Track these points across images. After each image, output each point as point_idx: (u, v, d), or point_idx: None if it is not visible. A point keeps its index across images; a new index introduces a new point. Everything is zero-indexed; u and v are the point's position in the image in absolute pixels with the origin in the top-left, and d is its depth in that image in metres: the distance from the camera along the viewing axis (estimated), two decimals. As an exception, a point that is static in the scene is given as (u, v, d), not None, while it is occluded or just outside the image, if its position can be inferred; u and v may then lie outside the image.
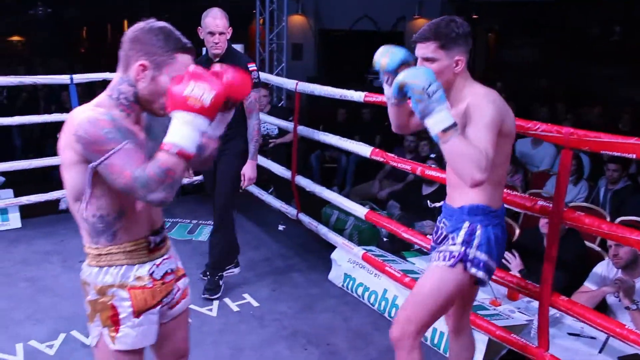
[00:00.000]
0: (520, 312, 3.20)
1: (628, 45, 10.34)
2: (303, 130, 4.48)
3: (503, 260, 3.52)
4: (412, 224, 4.34)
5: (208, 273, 3.77)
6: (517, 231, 4.05)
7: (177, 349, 2.01)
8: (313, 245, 4.55)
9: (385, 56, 2.12)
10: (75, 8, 14.63)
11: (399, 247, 4.10)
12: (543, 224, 3.53)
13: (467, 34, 2.05)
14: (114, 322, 1.73)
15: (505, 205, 2.80)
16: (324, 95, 4.16)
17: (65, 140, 1.61)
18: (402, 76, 1.87)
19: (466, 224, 2.12)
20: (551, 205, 2.51)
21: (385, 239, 4.33)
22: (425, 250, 3.48)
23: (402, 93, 1.89)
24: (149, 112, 1.72)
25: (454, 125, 1.82)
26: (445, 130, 1.82)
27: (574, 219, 2.44)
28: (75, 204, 1.69)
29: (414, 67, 1.97)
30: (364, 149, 3.75)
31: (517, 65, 11.13)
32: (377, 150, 3.66)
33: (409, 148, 5.90)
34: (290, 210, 4.65)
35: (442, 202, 2.35)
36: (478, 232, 2.11)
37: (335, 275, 4.00)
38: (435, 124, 1.83)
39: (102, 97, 1.69)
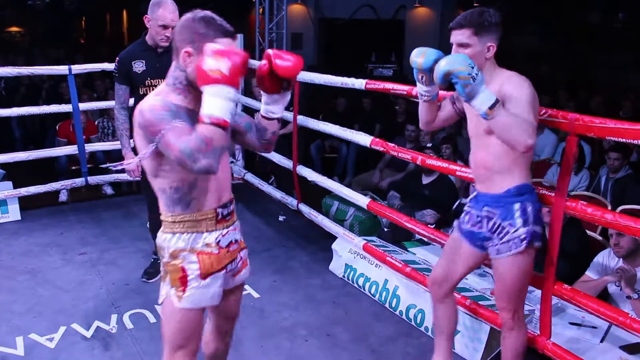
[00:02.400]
0: (521, 301, 3.18)
1: (631, 33, 10.28)
2: (303, 120, 4.46)
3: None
4: (413, 214, 4.33)
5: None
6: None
7: (232, 313, 2.25)
8: (314, 236, 4.54)
9: (420, 56, 2.27)
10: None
11: (400, 238, 4.09)
12: (545, 213, 3.50)
13: (499, 23, 2.22)
14: (182, 282, 1.93)
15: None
16: (324, 84, 4.12)
17: (135, 129, 1.84)
18: (446, 65, 2.03)
19: (517, 206, 2.28)
20: (554, 194, 2.49)
21: (386, 229, 4.32)
22: (426, 240, 3.46)
23: (447, 80, 2.05)
24: (200, 92, 1.84)
25: (497, 101, 2.03)
26: (492, 107, 2.02)
27: (576, 209, 2.42)
28: (154, 180, 1.92)
29: (451, 55, 2.09)
30: (364, 139, 3.72)
31: (519, 52, 11.08)
32: (377, 139, 3.63)
33: (409, 138, 5.88)
34: (290, 201, 4.64)
35: (472, 197, 2.50)
36: (529, 209, 2.28)
37: (336, 266, 3.99)
38: (482, 102, 2.02)
39: (161, 85, 1.91)
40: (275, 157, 4.87)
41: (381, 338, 3.21)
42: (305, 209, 4.45)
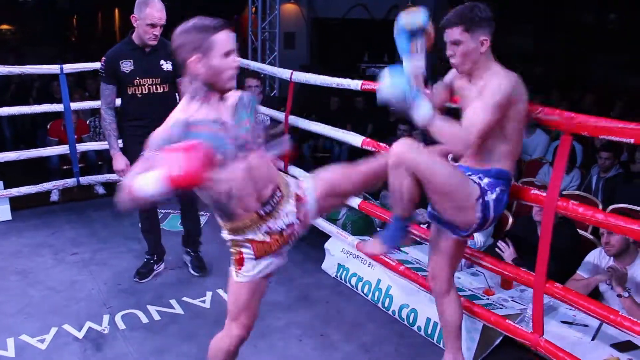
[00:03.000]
0: (513, 300, 3.20)
1: (623, 33, 10.33)
2: (294, 120, 4.45)
3: (496, 249, 3.52)
4: (406, 213, 4.33)
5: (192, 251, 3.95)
6: (510, 220, 4.05)
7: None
8: (307, 235, 4.47)
9: (412, 16, 2.37)
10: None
11: (393, 237, 4.08)
12: (536, 212, 3.52)
13: (490, 17, 2.24)
14: (239, 262, 2.20)
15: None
16: (319, 85, 4.12)
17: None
18: (383, 90, 2.21)
19: (490, 180, 2.35)
20: (545, 194, 2.50)
21: (379, 229, 4.32)
22: (419, 239, 3.46)
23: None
24: (220, 90, 2.01)
25: (432, 115, 2.16)
26: (427, 123, 2.15)
27: (568, 208, 2.43)
28: (200, 193, 2.11)
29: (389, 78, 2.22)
30: (355, 139, 3.72)
31: (511, 52, 11.12)
32: (368, 139, 3.63)
33: (401, 137, 5.88)
34: (283, 201, 4.63)
35: (459, 163, 2.53)
36: (498, 189, 2.36)
37: (328, 265, 3.99)
38: (418, 117, 2.17)
39: (185, 98, 2.03)
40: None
41: (374, 338, 3.21)
42: (298, 208, 4.43)
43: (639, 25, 10.07)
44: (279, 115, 4.75)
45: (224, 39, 1.94)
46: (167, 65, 3.51)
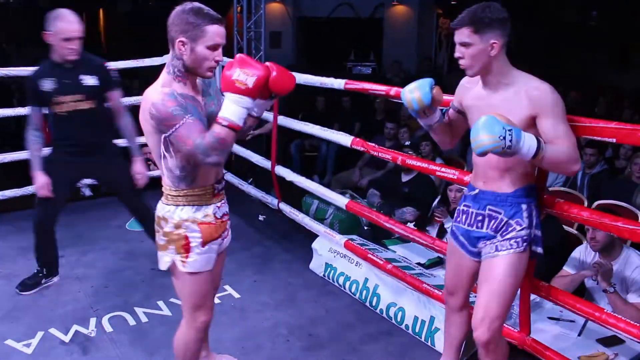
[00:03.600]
0: (500, 298, 3.21)
1: (605, 30, 10.42)
2: (282, 119, 4.44)
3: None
4: (393, 212, 4.34)
5: None
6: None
7: (216, 276, 2.52)
8: (294, 235, 4.53)
9: (415, 91, 2.28)
10: (49, -4, 14.37)
11: (380, 236, 4.11)
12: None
13: (503, 19, 2.11)
14: (186, 249, 2.19)
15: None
16: (303, 84, 4.11)
17: (143, 116, 2.06)
18: (478, 146, 1.94)
19: (524, 206, 2.21)
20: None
21: (366, 228, 4.33)
22: (405, 238, 3.48)
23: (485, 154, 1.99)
24: (199, 76, 2.10)
25: (539, 144, 1.96)
26: (535, 156, 1.97)
27: (554, 206, 2.44)
28: (160, 161, 2.14)
29: (482, 125, 1.94)
30: (344, 139, 3.72)
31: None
32: (358, 139, 3.63)
33: (388, 135, 5.90)
34: (270, 200, 4.63)
35: (471, 194, 2.34)
36: (534, 212, 2.24)
37: (316, 265, 3.99)
38: (527, 154, 1.96)
39: (162, 75, 2.10)
40: (254, 157, 4.85)
41: (362, 337, 3.21)
42: (286, 208, 4.44)
43: (620, 23, 10.17)
44: (268, 115, 4.74)
45: (215, 31, 2.01)
46: (90, 80, 3.36)
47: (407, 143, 4.86)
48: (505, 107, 2.08)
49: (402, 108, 6.76)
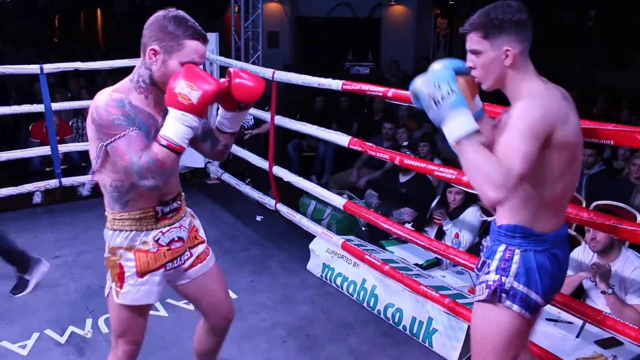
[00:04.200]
0: (498, 299, 3.20)
1: (602, 30, 10.42)
2: (280, 119, 4.43)
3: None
4: (391, 212, 4.33)
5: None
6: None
7: (217, 307, 2.27)
8: (292, 236, 4.52)
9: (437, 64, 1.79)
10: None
11: (378, 237, 4.09)
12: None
13: (519, 21, 1.76)
14: (120, 279, 1.96)
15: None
16: (301, 84, 4.10)
17: (88, 119, 1.83)
18: (416, 82, 1.69)
19: (502, 247, 1.84)
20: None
21: (363, 228, 4.32)
22: (403, 239, 3.46)
23: (416, 99, 1.71)
24: (161, 91, 1.85)
25: (470, 134, 1.61)
26: (457, 141, 1.62)
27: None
28: (98, 175, 1.93)
29: (432, 71, 1.68)
30: (341, 139, 3.71)
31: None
32: (355, 139, 3.62)
33: (386, 136, 5.88)
34: (268, 201, 4.61)
35: (492, 217, 2.04)
36: (516, 258, 1.81)
37: (313, 265, 3.98)
38: (448, 133, 1.64)
39: (124, 80, 1.89)
40: (252, 157, 4.84)
41: (360, 338, 3.20)
42: (283, 208, 4.42)
43: (617, 22, 10.17)
44: (265, 115, 4.73)
45: (194, 48, 1.79)
46: None
47: (405, 143, 4.85)
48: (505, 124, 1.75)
49: (400, 109, 6.75)
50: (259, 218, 4.99)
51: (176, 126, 1.72)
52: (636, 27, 9.77)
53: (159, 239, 1.99)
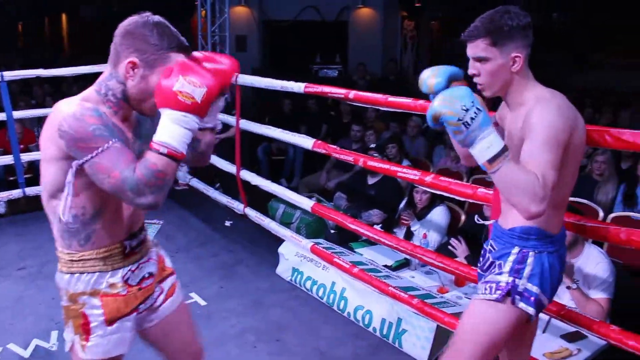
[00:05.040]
0: (467, 297, 3.24)
1: (568, 32, 10.63)
2: (245, 123, 4.41)
3: (449, 247, 3.55)
4: (360, 214, 4.34)
5: None
6: (463, 217, 4.09)
7: (186, 347, 1.96)
8: (261, 240, 4.51)
9: (432, 77, 1.78)
10: (9, 1, 14.07)
11: (347, 239, 4.10)
12: (486, 209, 3.57)
13: (525, 26, 1.77)
14: (85, 330, 1.65)
15: (449, 195, 2.83)
16: (264, 87, 4.09)
17: (48, 134, 1.52)
18: (436, 105, 1.61)
19: (515, 250, 1.85)
20: (492, 191, 2.53)
21: (332, 231, 4.32)
22: (372, 240, 3.47)
23: (439, 124, 1.63)
24: (137, 112, 1.63)
25: (502, 151, 1.58)
26: (491, 161, 1.58)
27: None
28: (50, 201, 1.61)
29: (449, 90, 1.63)
30: (306, 142, 3.71)
31: (462, 53, 11.28)
32: (319, 142, 3.62)
33: (355, 138, 5.90)
34: (236, 206, 4.59)
35: (491, 221, 2.07)
36: (530, 260, 1.83)
37: (283, 269, 3.97)
38: (479, 154, 1.59)
39: (89, 91, 1.60)
40: (219, 162, 4.81)
41: (330, 340, 3.20)
42: (252, 213, 4.40)
43: (583, 24, 10.38)
44: (232, 119, 4.71)
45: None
46: None
47: (373, 145, 4.86)
48: (519, 130, 1.76)
49: (368, 110, 6.78)
50: (228, 223, 4.97)
51: (176, 130, 1.46)
52: (598, 29, 10.00)
53: (128, 278, 1.70)
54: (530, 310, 1.81)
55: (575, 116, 1.76)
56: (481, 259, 2.03)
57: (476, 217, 2.27)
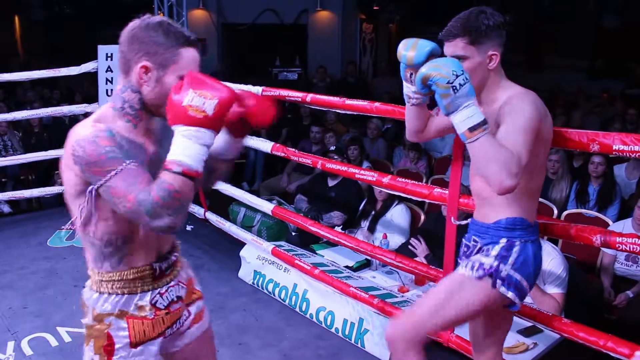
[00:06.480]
0: (426, 296, 3.28)
1: (518, 33, 10.89)
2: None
3: (409, 247, 3.61)
4: (321, 216, 4.37)
5: None
6: (422, 217, 4.16)
7: None
8: (222, 244, 4.49)
9: (411, 49, 1.88)
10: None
11: (308, 241, 4.12)
12: (444, 208, 3.63)
13: (500, 25, 1.85)
14: (108, 352, 1.61)
15: (407, 196, 2.88)
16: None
17: (66, 161, 1.48)
18: (427, 67, 1.66)
19: (503, 240, 1.91)
20: (448, 191, 2.59)
21: (294, 233, 4.33)
22: (332, 242, 3.50)
23: (427, 87, 1.68)
24: (159, 117, 1.57)
25: (483, 123, 1.63)
26: (472, 129, 1.63)
27: (469, 205, 2.52)
28: (83, 229, 1.56)
29: (442, 58, 1.70)
30: (265, 145, 3.72)
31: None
32: (278, 145, 3.64)
33: (314, 140, 5.93)
34: (197, 210, 4.56)
35: (468, 220, 2.13)
36: (516, 249, 1.90)
37: (245, 273, 3.96)
38: (461, 121, 1.64)
39: (104, 109, 1.56)
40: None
41: (293, 342, 3.22)
42: (212, 217, 4.39)
43: (533, 25, 10.65)
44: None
45: (192, 57, 1.53)
46: None
47: (333, 148, 4.89)
48: (491, 123, 1.79)
49: (328, 113, 6.82)
50: (188, 227, 4.93)
51: (190, 146, 1.40)
52: (549, 31, 10.27)
53: (156, 301, 1.66)
54: (510, 295, 1.88)
55: (545, 111, 1.86)
56: (464, 248, 2.08)
57: (452, 219, 2.32)
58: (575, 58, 10.30)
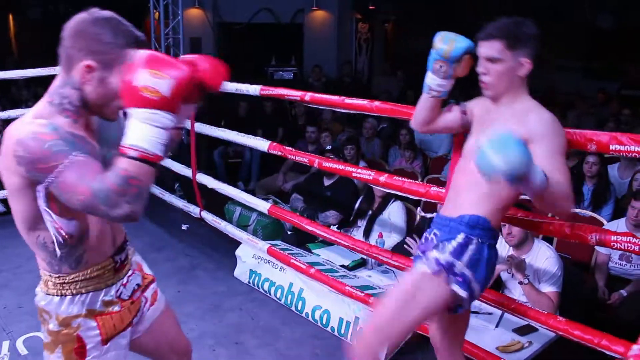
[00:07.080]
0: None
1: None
2: (200, 127, 4.39)
3: (405, 246, 3.61)
4: (317, 216, 4.37)
5: None
6: (418, 216, 4.16)
7: (174, 347, 1.94)
8: (218, 243, 4.49)
9: (448, 43, 1.96)
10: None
11: (304, 240, 4.12)
12: (439, 208, 3.64)
13: (536, 37, 1.92)
14: (80, 354, 1.57)
15: (403, 194, 2.89)
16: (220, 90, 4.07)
17: (5, 164, 1.39)
18: (492, 167, 1.55)
19: (461, 236, 1.94)
20: (444, 190, 2.60)
21: (290, 232, 4.34)
22: (328, 241, 3.51)
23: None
24: (100, 117, 1.50)
25: (546, 177, 1.64)
26: (545, 188, 1.65)
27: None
28: (30, 234, 1.49)
29: (499, 143, 1.55)
30: (262, 144, 3.72)
31: (415, 55, 11.45)
32: (275, 144, 3.64)
33: (310, 139, 5.93)
34: (192, 209, 4.56)
35: (434, 214, 2.18)
36: (472, 247, 1.93)
37: (240, 272, 3.96)
38: (536, 183, 1.61)
39: (40, 105, 1.47)
40: (174, 165, 4.77)
41: (289, 341, 3.22)
42: (208, 216, 4.38)
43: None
44: (186, 123, 4.67)
45: None
46: None
47: (329, 147, 4.90)
48: (505, 124, 1.88)
49: (323, 112, 6.82)
50: (184, 227, 4.93)
51: (145, 130, 1.30)
52: (544, 31, 10.25)
53: (121, 293, 1.64)
54: (462, 293, 1.90)
55: None
56: (423, 240, 2.11)
57: (419, 209, 2.35)
58: (571, 58, 10.33)
